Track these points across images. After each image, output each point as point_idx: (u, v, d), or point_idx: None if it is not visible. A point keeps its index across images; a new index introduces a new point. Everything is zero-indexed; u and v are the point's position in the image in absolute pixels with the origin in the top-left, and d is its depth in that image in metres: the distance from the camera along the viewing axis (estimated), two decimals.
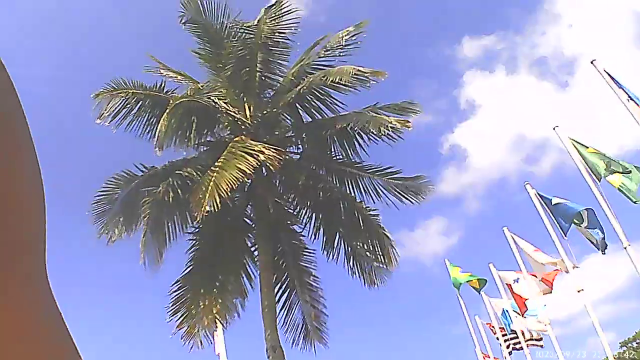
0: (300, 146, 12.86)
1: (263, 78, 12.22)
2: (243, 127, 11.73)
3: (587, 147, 12.41)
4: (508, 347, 17.28)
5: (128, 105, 10.91)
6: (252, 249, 12.40)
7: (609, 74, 11.76)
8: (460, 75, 69.60)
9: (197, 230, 11.44)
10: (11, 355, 0.31)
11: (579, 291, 13.47)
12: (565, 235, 13.05)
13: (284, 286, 11.84)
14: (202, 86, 11.43)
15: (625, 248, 11.64)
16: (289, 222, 12.52)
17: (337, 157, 12.58)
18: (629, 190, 11.41)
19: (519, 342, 16.28)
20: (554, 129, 13.33)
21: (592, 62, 12.12)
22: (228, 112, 11.41)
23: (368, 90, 12.04)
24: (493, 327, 17.85)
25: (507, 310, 16.48)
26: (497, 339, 17.66)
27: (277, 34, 11.75)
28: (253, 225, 12.43)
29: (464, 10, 65.54)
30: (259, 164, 9.81)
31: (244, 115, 12.04)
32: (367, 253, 11.93)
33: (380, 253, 11.83)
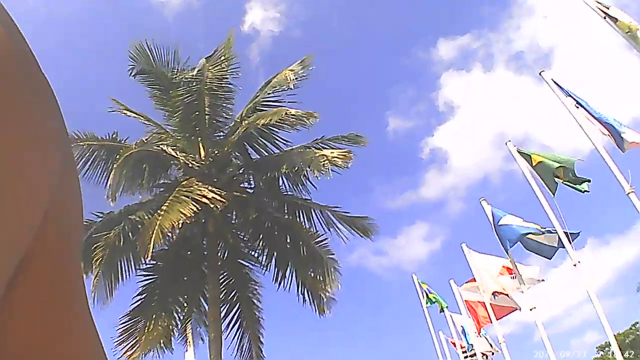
0: (252, 182, 13.69)
1: (213, 121, 13.08)
2: (194, 168, 12.61)
3: (537, 155, 12.11)
4: None
5: (84, 157, 11.87)
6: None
7: (556, 83, 12.12)
8: (437, 77, 69.33)
9: (152, 265, 12.29)
10: None
11: (531, 309, 13.66)
12: (508, 254, 13.50)
13: (235, 317, 12.63)
14: (146, 139, 12.32)
15: (575, 265, 11.93)
16: (242, 255, 13.32)
17: (288, 192, 13.38)
18: (575, 181, 11.27)
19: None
20: (506, 143, 13.70)
21: (540, 74, 12.52)
22: (176, 157, 12.32)
23: (322, 120, 12.71)
24: (454, 343, 18.29)
25: (465, 327, 16.98)
26: (458, 355, 18.12)
27: (220, 80, 12.59)
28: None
29: (437, 13, 64.93)
30: (200, 208, 10.62)
31: (198, 156, 12.93)
32: (316, 281, 12.62)
33: (323, 279, 12.51)
